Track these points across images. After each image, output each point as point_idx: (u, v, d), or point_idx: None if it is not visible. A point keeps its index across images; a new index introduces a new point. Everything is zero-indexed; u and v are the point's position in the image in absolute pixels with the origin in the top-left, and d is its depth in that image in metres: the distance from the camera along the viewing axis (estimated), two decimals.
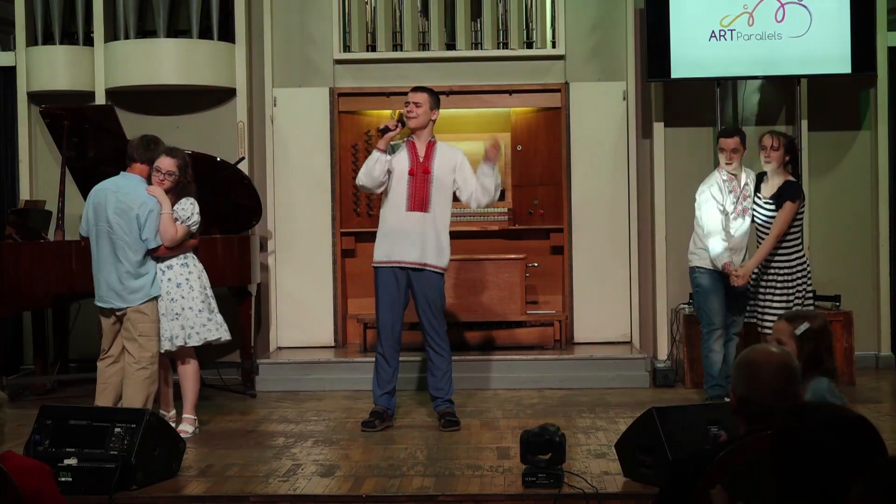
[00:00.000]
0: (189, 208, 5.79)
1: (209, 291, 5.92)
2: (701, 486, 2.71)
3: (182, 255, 5.84)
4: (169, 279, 5.78)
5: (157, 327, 5.74)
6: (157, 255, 5.76)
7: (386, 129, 5.98)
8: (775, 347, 2.97)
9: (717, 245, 6.30)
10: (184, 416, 5.91)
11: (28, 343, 7.87)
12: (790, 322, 3.93)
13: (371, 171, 5.98)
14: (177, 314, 5.78)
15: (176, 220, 5.74)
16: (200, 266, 5.93)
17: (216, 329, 5.89)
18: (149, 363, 5.70)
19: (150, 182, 5.77)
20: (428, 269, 6.02)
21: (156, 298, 5.74)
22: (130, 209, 5.69)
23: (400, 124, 6.02)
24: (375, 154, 5.99)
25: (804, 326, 3.84)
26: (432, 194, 6.01)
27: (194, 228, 5.83)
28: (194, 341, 5.81)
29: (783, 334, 3.89)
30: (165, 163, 5.74)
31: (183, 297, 5.79)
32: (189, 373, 5.92)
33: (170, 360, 6.04)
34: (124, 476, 4.60)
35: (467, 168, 6.12)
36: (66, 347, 7.58)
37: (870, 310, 7.93)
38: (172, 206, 5.75)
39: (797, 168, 6.53)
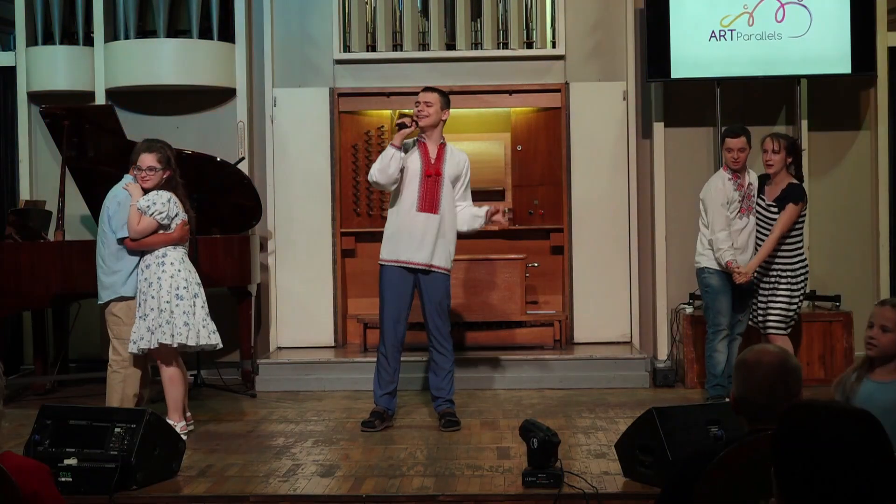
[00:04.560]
0: (152, 198, 5.60)
1: (182, 292, 5.58)
2: (701, 485, 2.71)
3: (161, 253, 5.62)
4: (145, 278, 5.62)
5: (130, 331, 5.67)
6: (125, 245, 5.65)
7: (403, 126, 5.93)
8: (773, 347, 2.94)
9: (722, 242, 6.29)
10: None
11: (28, 343, 7.87)
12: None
13: (386, 167, 5.90)
14: (145, 314, 5.59)
15: (138, 210, 5.63)
16: (180, 266, 5.63)
17: (171, 333, 5.54)
18: (119, 367, 5.70)
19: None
20: (435, 270, 6.01)
21: (129, 300, 5.66)
22: (105, 204, 5.74)
23: (415, 123, 5.99)
24: (390, 150, 5.92)
25: None
26: (442, 196, 5.99)
27: (160, 218, 5.57)
28: (157, 343, 5.58)
29: (888, 321, 3.65)
30: (145, 160, 5.64)
31: (153, 297, 5.58)
32: (165, 378, 5.71)
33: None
34: (124, 476, 4.60)
35: (468, 180, 6.14)
36: (66, 347, 7.59)
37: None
38: None
39: (800, 169, 6.51)
